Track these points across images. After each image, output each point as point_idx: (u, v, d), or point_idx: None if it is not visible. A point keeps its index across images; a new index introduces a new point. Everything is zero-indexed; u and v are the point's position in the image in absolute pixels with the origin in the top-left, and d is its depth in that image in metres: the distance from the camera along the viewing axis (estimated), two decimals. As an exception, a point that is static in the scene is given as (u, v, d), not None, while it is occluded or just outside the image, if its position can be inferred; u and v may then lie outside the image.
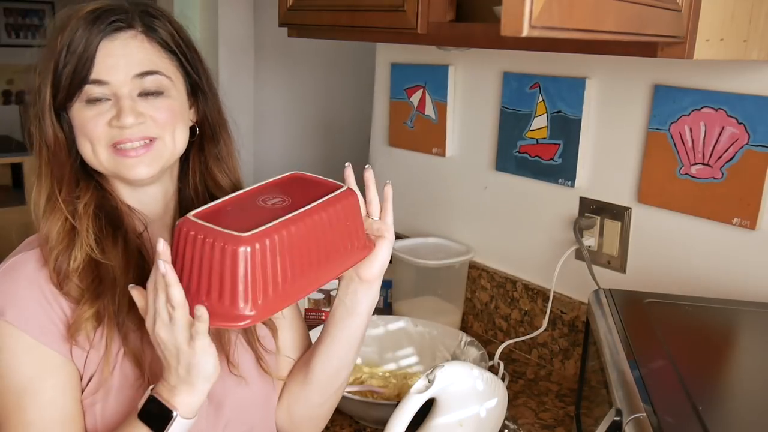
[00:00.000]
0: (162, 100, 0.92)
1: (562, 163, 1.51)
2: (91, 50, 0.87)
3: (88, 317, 0.87)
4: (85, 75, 0.88)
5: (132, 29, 0.90)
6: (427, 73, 1.78)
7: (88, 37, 0.87)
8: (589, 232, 1.47)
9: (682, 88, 1.28)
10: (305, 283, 0.84)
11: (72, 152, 0.92)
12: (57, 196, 0.90)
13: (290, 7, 1.54)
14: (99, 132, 0.89)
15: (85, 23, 0.88)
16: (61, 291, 0.87)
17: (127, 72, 0.89)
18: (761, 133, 1.18)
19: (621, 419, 0.80)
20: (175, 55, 0.94)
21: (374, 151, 2.02)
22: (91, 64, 0.88)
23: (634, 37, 0.90)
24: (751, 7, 1.02)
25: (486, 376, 1.11)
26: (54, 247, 0.88)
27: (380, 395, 1.33)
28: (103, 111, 0.89)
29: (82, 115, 0.89)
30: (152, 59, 0.91)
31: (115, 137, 0.90)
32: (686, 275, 1.32)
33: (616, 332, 0.98)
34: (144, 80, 0.90)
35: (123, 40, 0.89)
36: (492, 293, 1.70)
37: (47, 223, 0.89)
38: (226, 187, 1.00)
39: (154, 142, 0.92)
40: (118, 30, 0.89)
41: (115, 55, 0.89)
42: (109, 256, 0.90)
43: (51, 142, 0.91)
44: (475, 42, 1.26)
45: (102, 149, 0.90)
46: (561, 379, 1.53)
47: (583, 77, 1.44)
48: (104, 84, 0.88)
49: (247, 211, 0.85)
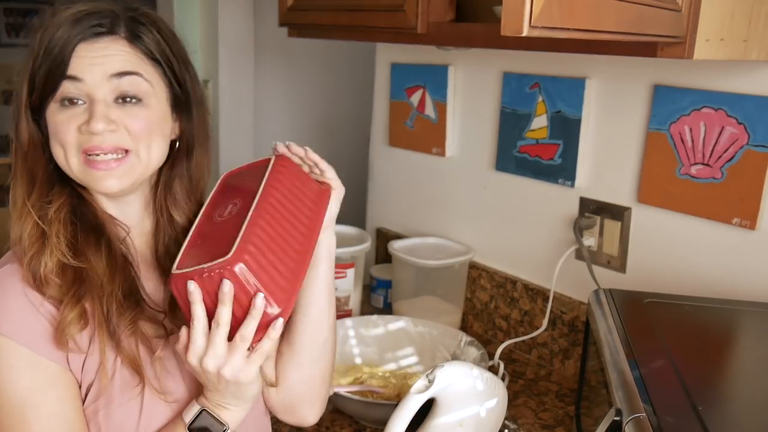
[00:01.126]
0: (139, 108, 0.88)
1: (562, 163, 1.51)
2: (67, 51, 0.84)
3: (72, 319, 0.85)
4: (60, 73, 0.85)
5: (114, 34, 0.87)
6: (427, 73, 1.78)
7: (66, 38, 0.85)
8: (589, 232, 1.47)
9: (682, 88, 1.28)
10: (303, 252, 0.87)
11: (46, 155, 0.90)
12: (27, 199, 0.88)
13: (290, 7, 1.54)
14: (70, 137, 0.86)
15: (66, 25, 0.85)
16: (43, 294, 0.86)
17: (104, 71, 0.86)
18: (761, 133, 1.18)
19: (621, 419, 0.80)
20: (159, 64, 0.90)
21: (374, 151, 2.02)
22: (66, 65, 0.85)
23: (634, 37, 0.90)
24: (751, 7, 1.02)
25: (486, 376, 1.11)
26: (26, 251, 0.86)
27: (380, 395, 1.33)
28: (76, 114, 0.86)
29: (55, 118, 0.87)
30: (132, 61, 0.88)
31: (84, 143, 0.86)
32: (686, 275, 1.32)
33: (616, 332, 0.98)
34: (121, 81, 0.86)
35: (103, 43, 0.86)
36: (492, 293, 1.70)
37: (19, 227, 0.87)
38: (180, 202, 0.98)
39: (129, 155, 0.88)
40: (99, 35, 0.86)
41: (92, 56, 0.86)
42: (92, 263, 0.88)
43: (25, 142, 0.89)
44: (475, 42, 1.26)
45: (73, 156, 0.87)
46: (561, 379, 1.53)
47: (583, 77, 1.44)
48: (78, 81, 0.85)
49: (214, 235, 0.86)
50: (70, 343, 0.86)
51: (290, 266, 0.84)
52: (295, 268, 0.84)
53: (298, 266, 0.85)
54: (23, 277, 0.86)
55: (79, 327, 0.86)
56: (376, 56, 1.96)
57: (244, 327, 0.80)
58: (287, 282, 0.82)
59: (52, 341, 0.86)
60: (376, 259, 2.00)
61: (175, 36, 0.94)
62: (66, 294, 0.86)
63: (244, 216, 0.84)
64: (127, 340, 0.89)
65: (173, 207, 0.97)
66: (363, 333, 1.52)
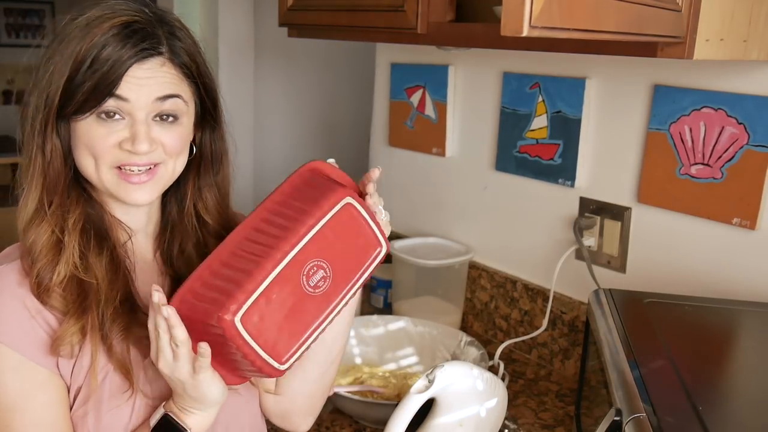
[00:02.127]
0: (175, 126, 0.90)
1: (562, 163, 1.51)
2: (119, 73, 0.84)
3: (74, 332, 0.85)
4: (108, 92, 0.84)
5: (160, 55, 0.87)
6: (427, 73, 1.78)
7: (117, 59, 0.84)
8: (589, 232, 1.47)
9: (682, 88, 1.28)
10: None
11: (68, 164, 0.89)
12: (46, 208, 0.87)
13: (290, 7, 1.54)
14: (107, 152, 0.87)
15: (115, 40, 0.84)
16: (43, 304, 0.85)
17: (149, 94, 0.86)
18: (761, 133, 1.18)
19: (621, 419, 0.80)
20: (194, 81, 0.92)
21: (374, 151, 2.02)
22: (115, 85, 0.84)
23: (634, 37, 0.90)
24: (751, 7, 1.02)
25: (486, 376, 1.11)
26: (37, 260, 0.86)
27: (380, 395, 1.33)
28: (115, 130, 0.86)
29: (93, 131, 0.86)
30: (175, 83, 0.89)
31: (123, 160, 0.87)
32: (686, 275, 1.32)
33: (616, 332, 0.98)
34: (164, 103, 0.88)
35: (150, 64, 0.86)
36: (492, 293, 1.70)
37: (33, 235, 0.86)
38: (212, 211, 1.00)
39: (158, 167, 0.90)
40: (149, 56, 0.86)
41: (141, 78, 0.86)
42: (93, 270, 0.88)
43: (50, 151, 0.88)
44: (475, 42, 1.26)
45: (106, 169, 0.88)
46: (561, 379, 1.53)
47: (583, 77, 1.44)
48: (124, 100, 0.85)
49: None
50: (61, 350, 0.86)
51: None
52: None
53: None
54: (19, 282, 0.86)
55: (79, 339, 0.86)
56: (376, 56, 1.96)
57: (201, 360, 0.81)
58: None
59: (47, 349, 0.86)
60: (376, 259, 1.99)
61: (199, 45, 0.95)
62: (71, 306, 0.86)
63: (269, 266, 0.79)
64: (119, 345, 0.89)
65: (205, 213, 1.00)
66: (363, 333, 1.52)
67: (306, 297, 0.82)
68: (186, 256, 0.97)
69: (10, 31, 5.85)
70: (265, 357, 0.79)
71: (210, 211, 1.00)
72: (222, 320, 0.76)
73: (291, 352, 0.82)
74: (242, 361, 0.80)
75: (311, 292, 0.83)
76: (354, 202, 0.87)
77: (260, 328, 0.78)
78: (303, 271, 0.81)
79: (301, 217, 0.82)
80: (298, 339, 0.82)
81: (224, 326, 0.76)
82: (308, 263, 0.82)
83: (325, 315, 0.84)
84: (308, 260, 0.82)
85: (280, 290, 0.79)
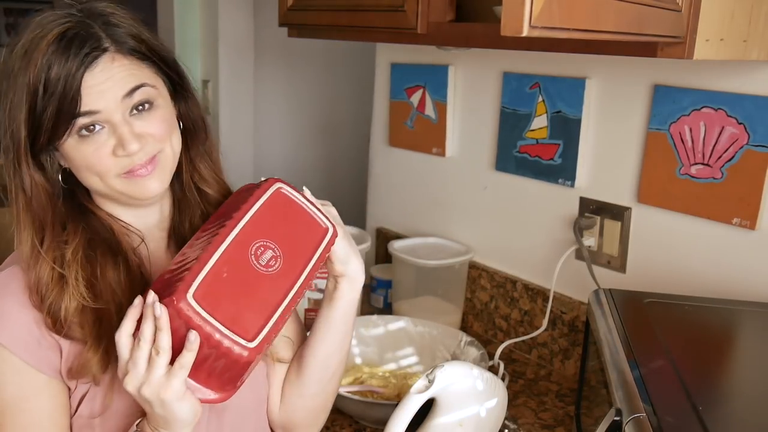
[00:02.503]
0: (153, 112, 0.88)
1: (562, 163, 1.51)
2: (75, 86, 0.82)
3: (95, 363, 0.85)
4: (73, 111, 0.82)
5: (105, 52, 0.84)
6: (427, 73, 1.78)
7: (67, 74, 0.81)
8: (589, 232, 1.47)
9: (682, 88, 1.28)
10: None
11: (54, 194, 0.88)
12: (38, 247, 0.85)
13: (290, 7, 1.54)
14: (106, 164, 0.86)
15: (56, 56, 0.81)
16: (61, 336, 0.85)
17: (115, 95, 0.84)
18: (761, 133, 1.18)
19: (621, 419, 0.80)
20: (152, 61, 0.90)
21: (374, 151, 2.02)
22: (77, 102, 0.82)
23: (634, 37, 0.90)
24: (751, 7, 1.02)
25: (486, 376, 1.11)
26: (45, 298, 0.85)
27: (380, 395, 1.33)
28: (102, 142, 0.85)
29: (81, 152, 0.85)
30: (134, 74, 0.87)
31: (126, 166, 0.86)
32: (686, 275, 1.32)
33: (616, 332, 0.98)
34: (133, 96, 0.86)
35: (101, 66, 0.83)
36: (492, 293, 1.70)
37: (35, 273, 0.85)
38: (209, 179, 1.00)
39: (157, 156, 0.89)
40: (95, 59, 0.83)
41: (98, 84, 0.83)
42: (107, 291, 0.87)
43: (29, 188, 0.85)
44: (475, 42, 1.26)
45: (113, 179, 0.87)
46: (561, 379, 1.53)
47: (583, 77, 1.44)
48: (95, 113, 0.84)
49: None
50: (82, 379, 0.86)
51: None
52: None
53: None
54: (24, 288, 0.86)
55: (101, 368, 0.85)
56: (376, 56, 1.96)
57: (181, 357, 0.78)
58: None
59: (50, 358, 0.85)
60: (376, 259, 2.00)
61: (138, 21, 0.91)
62: (88, 337, 0.85)
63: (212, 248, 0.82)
64: None
65: (202, 183, 0.99)
66: (363, 333, 1.52)
67: (261, 276, 0.84)
68: (195, 229, 0.97)
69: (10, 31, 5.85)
70: (228, 333, 0.78)
71: (207, 179, 1.00)
72: (174, 303, 0.76)
73: (257, 329, 0.81)
74: (210, 351, 0.78)
75: (265, 270, 0.85)
76: (285, 187, 0.93)
77: (214, 304, 0.79)
78: (250, 251, 0.85)
79: (239, 206, 0.88)
80: (263, 316, 0.82)
81: (179, 307, 0.76)
82: (253, 244, 0.85)
83: (287, 293, 0.86)
84: (252, 241, 0.85)
85: (230, 269, 0.82)
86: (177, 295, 0.77)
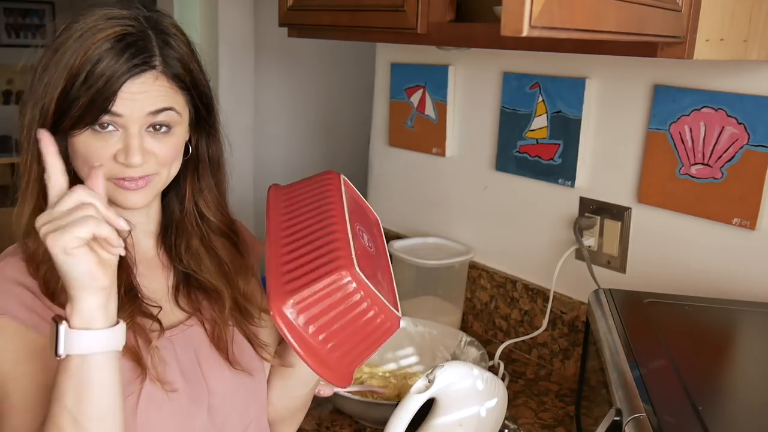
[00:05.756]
0: (168, 137, 0.91)
1: (562, 163, 1.51)
2: (114, 89, 0.84)
3: None
4: (103, 108, 0.84)
5: (154, 69, 0.87)
6: (427, 73, 1.78)
7: (111, 75, 0.84)
8: (589, 232, 1.47)
9: (682, 88, 1.28)
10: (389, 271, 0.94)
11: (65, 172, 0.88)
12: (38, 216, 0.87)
13: (290, 7, 1.54)
14: (103, 164, 0.87)
15: (109, 54, 0.84)
16: (54, 302, 0.86)
17: (142, 109, 0.87)
18: (761, 133, 1.18)
19: (621, 419, 0.80)
20: (188, 92, 0.93)
21: (374, 151, 2.02)
22: (110, 102, 0.84)
23: (634, 37, 0.90)
24: (751, 7, 1.02)
25: (486, 376, 1.11)
26: (41, 265, 0.87)
27: (380, 395, 1.33)
28: (110, 142, 0.87)
29: (89, 144, 0.87)
30: (168, 96, 0.89)
31: (118, 174, 0.88)
32: (686, 275, 1.32)
33: (616, 332, 0.98)
34: (157, 116, 0.88)
35: (143, 79, 0.86)
36: (492, 293, 1.70)
37: (34, 241, 0.87)
38: (213, 210, 1.01)
39: (152, 176, 0.91)
40: (142, 72, 0.86)
41: (134, 93, 0.86)
42: None
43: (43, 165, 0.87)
44: (475, 42, 1.26)
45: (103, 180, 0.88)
46: (561, 379, 1.53)
47: (583, 77, 1.44)
48: (118, 116, 0.86)
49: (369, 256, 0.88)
50: None
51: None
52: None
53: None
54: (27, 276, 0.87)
55: None
56: (376, 56, 1.96)
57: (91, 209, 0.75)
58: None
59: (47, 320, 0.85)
60: (376, 259, 2.00)
61: (195, 51, 0.95)
62: None
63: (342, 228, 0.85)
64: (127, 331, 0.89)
65: (207, 211, 1.01)
66: (363, 333, 1.51)
67: (373, 255, 0.89)
68: (193, 251, 0.99)
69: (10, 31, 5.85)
70: (386, 303, 0.81)
71: (211, 208, 1.02)
72: (344, 274, 0.78)
73: (395, 301, 0.85)
74: (368, 319, 0.80)
75: (371, 251, 0.89)
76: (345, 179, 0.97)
77: (369, 276, 0.81)
78: (357, 233, 0.88)
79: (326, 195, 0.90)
80: (393, 289, 0.87)
81: (355, 272, 0.78)
82: (355, 226, 0.89)
83: (391, 271, 0.91)
84: (354, 225, 0.88)
85: (358, 247, 0.84)
86: (347, 266, 0.78)
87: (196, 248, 1.00)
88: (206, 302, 1.01)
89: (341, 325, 0.80)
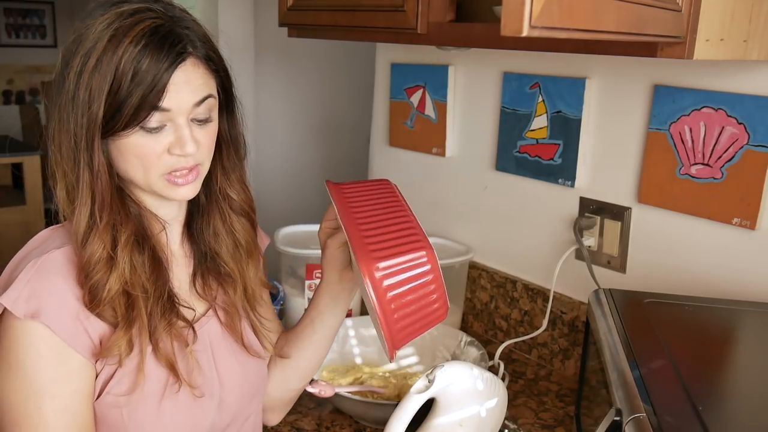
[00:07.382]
0: (209, 126, 0.92)
1: (562, 163, 1.51)
2: (162, 83, 0.85)
3: (123, 343, 0.87)
4: (155, 103, 0.85)
5: (191, 56, 0.88)
6: (427, 73, 1.78)
7: (157, 70, 0.85)
8: (589, 232, 1.47)
9: (682, 88, 1.28)
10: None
11: (113, 176, 0.90)
12: (98, 222, 0.88)
13: (290, 7, 1.54)
14: (158, 160, 0.88)
15: (149, 49, 0.84)
16: (94, 313, 0.87)
17: (189, 100, 0.88)
18: (761, 133, 1.18)
19: (621, 419, 0.80)
20: (218, 74, 0.94)
21: (374, 151, 2.02)
22: (160, 97, 0.85)
23: (634, 37, 0.90)
24: (751, 7, 1.02)
25: (486, 376, 1.11)
26: (91, 275, 0.87)
27: (380, 395, 1.33)
28: (162, 139, 0.88)
29: (142, 143, 0.87)
30: (206, 83, 0.91)
31: (173, 165, 0.89)
32: (686, 275, 1.32)
33: (616, 332, 0.98)
34: (200, 107, 0.90)
35: (184, 68, 0.87)
36: (492, 293, 1.70)
37: (86, 250, 0.88)
38: (237, 188, 1.03)
39: (199, 167, 0.93)
40: (185, 59, 0.87)
41: (178, 84, 0.87)
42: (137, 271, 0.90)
43: (97, 166, 0.88)
44: (475, 42, 1.26)
45: (156, 177, 0.90)
46: (561, 379, 1.53)
47: (583, 77, 1.44)
48: (167, 111, 0.87)
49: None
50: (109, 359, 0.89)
51: None
52: None
53: None
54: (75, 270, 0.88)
55: (128, 351, 0.88)
56: (376, 56, 1.96)
57: None
58: None
59: (89, 340, 0.87)
60: (376, 259, 1.99)
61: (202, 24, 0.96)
62: (121, 319, 0.88)
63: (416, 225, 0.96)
64: (164, 341, 0.91)
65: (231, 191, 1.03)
66: (363, 333, 1.51)
67: None
68: (213, 229, 1.02)
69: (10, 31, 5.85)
70: (445, 291, 0.90)
71: (235, 186, 1.03)
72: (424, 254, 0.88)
73: None
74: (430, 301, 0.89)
75: None
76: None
77: None
78: None
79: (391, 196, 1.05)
80: None
81: (429, 257, 0.89)
82: None
83: None
84: None
85: None
86: (427, 247, 0.89)
87: (216, 227, 1.01)
88: (221, 288, 1.02)
89: (410, 299, 0.88)
